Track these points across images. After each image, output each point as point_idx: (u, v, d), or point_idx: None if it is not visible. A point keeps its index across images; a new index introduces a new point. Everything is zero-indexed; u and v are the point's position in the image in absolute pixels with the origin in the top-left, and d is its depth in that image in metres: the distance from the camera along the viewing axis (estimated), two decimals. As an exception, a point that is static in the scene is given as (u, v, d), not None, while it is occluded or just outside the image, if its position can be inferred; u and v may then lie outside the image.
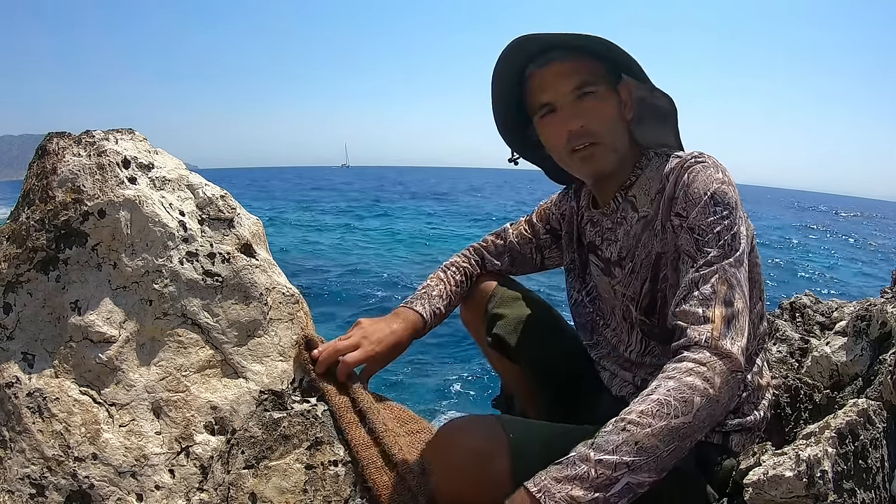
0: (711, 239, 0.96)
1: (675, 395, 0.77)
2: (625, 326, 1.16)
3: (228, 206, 1.29)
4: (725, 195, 0.98)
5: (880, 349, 1.28)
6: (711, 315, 0.88)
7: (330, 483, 1.18)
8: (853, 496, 0.81)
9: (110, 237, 1.16)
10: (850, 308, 1.81)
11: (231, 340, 1.21)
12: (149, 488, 1.07)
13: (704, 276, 0.93)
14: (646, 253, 1.09)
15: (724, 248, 0.95)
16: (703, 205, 0.98)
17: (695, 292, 0.92)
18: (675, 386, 0.79)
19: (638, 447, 0.74)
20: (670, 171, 1.05)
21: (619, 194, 1.14)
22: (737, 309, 0.90)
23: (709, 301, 0.90)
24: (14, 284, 1.11)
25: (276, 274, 1.29)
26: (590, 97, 1.06)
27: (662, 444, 0.75)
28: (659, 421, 0.76)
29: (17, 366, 1.08)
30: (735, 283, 0.93)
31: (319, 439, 1.21)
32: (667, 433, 0.76)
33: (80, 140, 1.20)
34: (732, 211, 0.97)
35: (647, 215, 1.09)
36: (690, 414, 0.77)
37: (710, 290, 0.92)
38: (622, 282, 1.14)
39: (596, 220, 1.21)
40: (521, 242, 1.40)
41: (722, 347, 0.84)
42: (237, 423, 1.17)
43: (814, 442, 0.82)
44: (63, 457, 1.05)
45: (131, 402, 1.11)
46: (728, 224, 0.96)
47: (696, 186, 0.99)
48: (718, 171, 1.00)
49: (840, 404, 1.16)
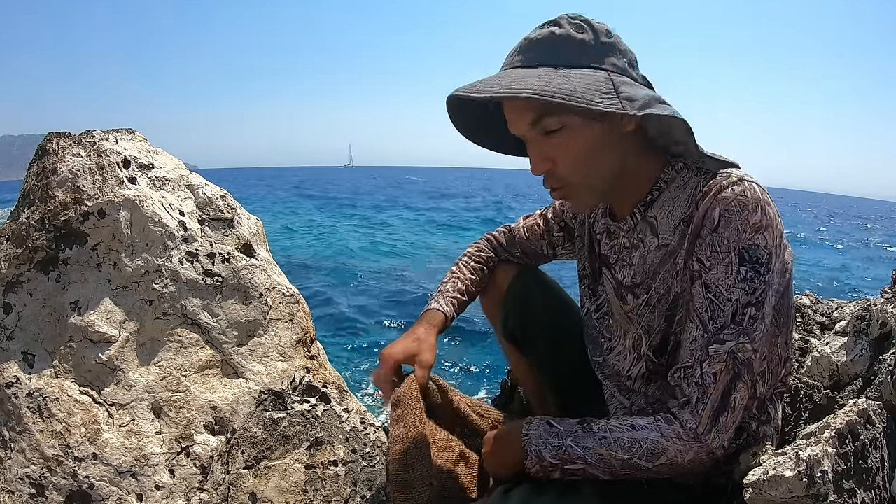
0: (728, 309, 0.87)
1: (647, 445, 0.89)
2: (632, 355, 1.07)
3: (228, 206, 1.28)
4: (757, 250, 0.86)
5: (880, 349, 1.28)
6: (702, 408, 0.88)
7: (330, 483, 1.18)
8: (853, 496, 0.81)
9: (110, 237, 1.16)
10: (850, 308, 1.81)
11: (231, 340, 1.21)
12: (149, 488, 1.07)
13: (711, 357, 0.88)
14: (665, 289, 0.98)
15: (739, 325, 0.87)
16: (728, 263, 0.87)
17: (697, 371, 0.89)
18: (653, 438, 0.90)
19: (600, 458, 0.91)
20: (701, 196, 0.91)
21: (638, 211, 1.02)
22: (732, 401, 0.88)
23: (706, 390, 0.88)
24: (14, 284, 1.11)
25: (276, 274, 1.29)
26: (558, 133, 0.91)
27: (618, 467, 0.91)
28: (624, 454, 0.90)
29: (17, 366, 1.08)
30: (742, 369, 0.87)
31: (319, 439, 1.21)
32: (625, 464, 0.90)
33: (80, 140, 1.20)
34: (761, 271, 0.86)
35: (669, 245, 0.97)
36: (651, 464, 0.89)
37: (712, 378, 0.88)
38: (635, 311, 1.04)
39: (612, 231, 1.10)
40: (531, 237, 1.34)
41: (704, 440, 0.89)
42: (237, 423, 1.17)
43: (814, 442, 0.82)
44: (63, 457, 1.05)
45: (131, 402, 1.11)
46: (750, 289, 0.86)
47: (725, 234, 0.87)
48: (758, 212, 0.86)
49: (840, 404, 1.16)
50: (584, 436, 0.93)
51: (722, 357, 0.88)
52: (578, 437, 0.93)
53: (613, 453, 0.90)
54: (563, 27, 0.91)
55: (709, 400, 0.88)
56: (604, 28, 0.93)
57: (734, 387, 0.88)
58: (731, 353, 0.87)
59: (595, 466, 0.92)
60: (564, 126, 0.90)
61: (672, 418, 0.90)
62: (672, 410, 0.90)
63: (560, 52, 0.90)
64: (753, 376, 0.89)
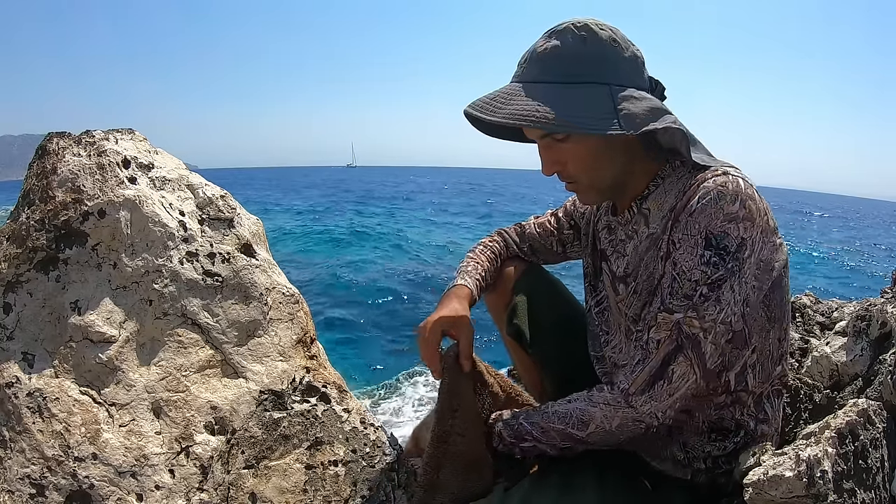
0: (686, 287, 0.89)
1: (577, 414, 0.96)
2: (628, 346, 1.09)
3: (228, 206, 1.29)
4: (725, 238, 0.88)
5: (880, 349, 1.28)
6: (639, 370, 0.91)
7: (330, 483, 1.18)
8: (853, 496, 0.81)
9: (110, 237, 1.16)
10: (850, 308, 1.81)
11: (231, 340, 1.21)
12: (149, 488, 1.07)
13: (658, 324, 0.90)
14: (647, 274, 1.01)
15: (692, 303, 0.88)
16: (694, 244, 0.89)
17: (644, 336, 0.92)
18: (581, 406, 0.96)
19: (542, 431, 0.99)
20: (687, 186, 0.95)
21: (635, 205, 1.06)
22: (670, 371, 0.89)
23: (648, 354, 0.90)
24: (14, 284, 1.11)
25: (276, 274, 1.29)
26: (566, 140, 0.97)
27: (558, 439, 0.98)
28: (560, 424, 0.97)
29: (17, 366, 1.08)
30: (686, 343, 0.88)
31: (319, 439, 1.21)
32: (562, 435, 0.97)
33: (80, 140, 1.20)
34: (726, 258, 0.88)
35: (655, 233, 1.01)
36: (584, 433, 0.95)
37: (654, 344, 0.90)
38: (625, 301, 1.07)
39: (612, 227, 1.14)
40: (542, 234, 1.36)
41: (633, 402, 0.91)
42: (237, 423, 1.17)
43: (814, 442, 0.82)
44: (63, 457, 1.05)
45: (131, 402, 1.11)
46: (711, 274, 0.88)
47: (698, 219, 0.89)
48: (735, 203, 0.88)
49: (840, 404, 1.16)
50: (533, 413, 1.02)
51: (667, 325, 0.90)
52: (529, 414, 1.02)
53: (552, 425, 0.97)
54: (567, 40, 0.94)
55: (647, 364, 0.90)
56: (608, 36, 0.94)
57: (674, 358, 0.89)
58: (676, 324, 0.89)
59: (541, 441, 0.99)
60: (571, 135, 0.96)
61: (603, 387, 0.95)
62: (612, 379, 0.95)
63: (564, 67, 0.93)
64: (700, 355, 0.90)
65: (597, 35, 0.93)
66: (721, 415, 0.99)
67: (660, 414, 0.91)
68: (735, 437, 0.99)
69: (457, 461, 1.12)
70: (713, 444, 1.00)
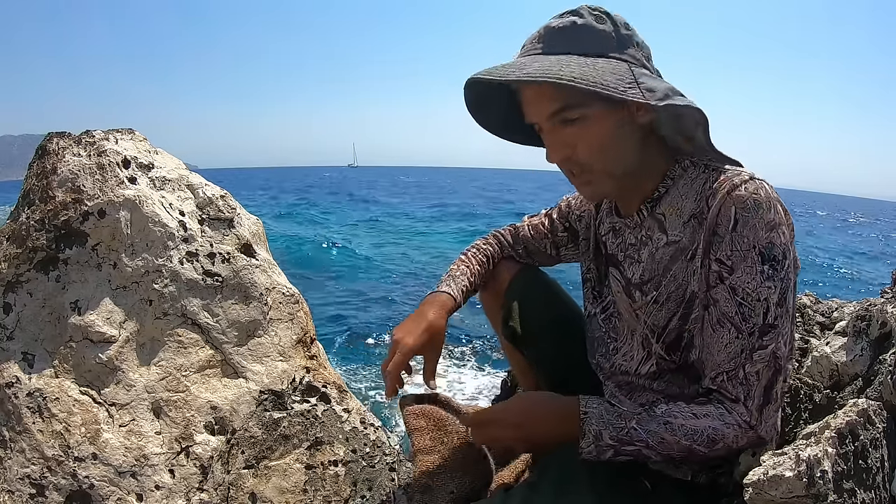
0: (759, 308, 0.88)
1: (709, 433, 0.91)
2: (641, 353, 1.06)
3: (228, 206, 1.29)
4: (773, 248, 0.87)
5: (880, 349, 1.28)
6: (752, 403, 0.91)
7: (330, 483, 1.18)
8: (853, 496, 0.81)
9: (110, 237, 1.16)
10: (850, 308, 1.81)
11: (231, 340, 1.21)
12: (149, 488, 1.07)
13: (751, 358, 0.89)
14: (676, 286, 0.98)
15: (774, 328, 0.88)
16: (751, 262, 0.88)
17: (740, 373, 0.90)
18: (715, 426, 0.91)
19: (660, 441, 0.91)
20: (712, 193, 0.91)
21: (645, 208, 1.02)
22: (774, 393, 0.91)
23: (751, 388, 0.91)
24: (14, 284, 1.11)
25: (276, 274, 1.29)
26: (575, 122, 0.92)
27: (677, 451, 0.92)
28: (686, 440, 0.91)
29: (17, 366, 1.08)
30: (781, 365, 0.90)
31: (319, 439, 1.21)
32: (685, 450, 0.91)
33: (80, 140, 1.20)
34: (778, 268, 0.87)
35: (679, 242, 0.96)
36: (709, 449, 0.91)
37: (755, 377, 0.90)
38: (644, 309, 1.03)
39: (618, 229, 1.09)
40: (535, 236, 1.33)
41: (757, 430, 0.91)
42: (237, 423, 1.17)
43: (814, 442, 0.82)
44: (63, 457, 1.05)
45: (131, 402, 1.11)
46: (774, 287, 0.88)
47: (744, 233, 0.88)
48: (771, 210, 0.87)
49: (840, 404, 1.16)
50: (649, 419, 0.92)
51: (765, 359, 0.90)
52: (643, 419, 0.92)
53: (677, 438, 0.90)
54: (584, 17, 0.92)
55: (755, 398, 0.91)
56: (622, 20, 0.94)
57: (775, 381, 0.91)
58: (771, 353, 0.90)
59: (654, 449, 0.92)
60: (582, 116, 0.91)
61: (733, 407, 0.91)
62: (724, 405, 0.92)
63: (582, 40, 0.90)
64: (786, 363, 0.92)
65: (612, 17, 0.92)
66: None
67: (770, 428, 0.93)
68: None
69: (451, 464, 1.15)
70: None
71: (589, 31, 0.91)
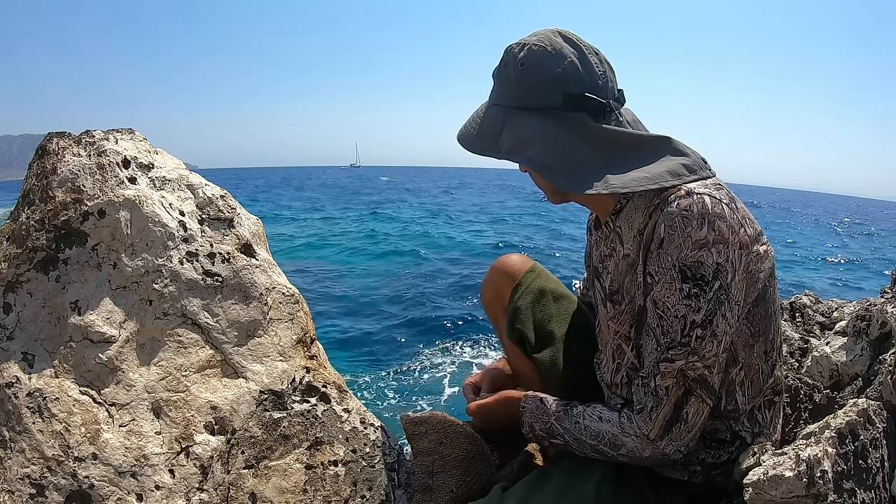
0: (676, 325, 0.88)
1: (609, 437, 0.98)
2: (612, 365, 1.07)
3: (228, 206, 1.29)
4: (701, 266, 0.84)
5: (880, 349, 1.28)
6: (655, 416, 0.92)
7: (330, 483, 1.18)
8: (853, 496, 0.81)
9: (110, 237, 1.16)
10: (850, 308, 1.81)
11: (231, 340, 1.21)
12: (149, 488, 1.07)
13: (662, 373, 0.90)
14: (629, 298, 1.00)
15: (687, 346, 0.87)
16: (670, 279, 0.87)
17: (651, 383, 0.92)
18: (613, 432, 0.98)
19: (574, 438, 1.03)
20: (655, 207, 0.91)
21: (610, 220, 1.03)
22: (685, 413, 0.91)
23: (659, 402, 0.91)
24: (14, 284, 1.11)
25: (276, 274, 1.29)
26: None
27: (589, 450, 1.01)
28: (592, 440, 1.00)
29: (17, 366, 1.08)
30: (694, 385, 0.89)
31: (319, 439, 1.21)
32: (594, 449, 1.00)
33: (80, 140, 1.20)
34: (706, 289, 0.85)
35: (629, 256, 0.98)
36: (615, 452, 0.98)
37: (664, 391, 0.90)
38: (615, 318, 1.04)
39: (596, 241, 1.12)
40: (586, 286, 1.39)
41: (657, 444, 0.93)
42: (237, 423, 1.17)
43: (814, 442, 0.82)
44: (63, 457, 1.05)
45: (131, 402, 1.11)
46: (696, 307, 0.85)
47: (669, 251, 0.86)
48: (703, 227, 0.84)
49: (840, 404, 1.16)
50: (564, 418, 1.05)
51: (672, 373, 0.90)
52: (560, 417, 1.06)
53: (584, 438, 1.01)
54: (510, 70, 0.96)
55: (661, 411, 0.92)
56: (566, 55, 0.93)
57: (686, 401, 0.90)
58: (680, 371, 0.89)
59: (571, 445, 1.03)
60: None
61: (633, 417, 0.96)
62: (631, 413, 0.96)
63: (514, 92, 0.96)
64: (710, 390, 0.91)
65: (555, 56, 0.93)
66: (716, 426, 0.99)
67: (683, 448, 0.94)
68: (730, 447, 0.99)
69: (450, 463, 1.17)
70: (707, 452, 1.00)
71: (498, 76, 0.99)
